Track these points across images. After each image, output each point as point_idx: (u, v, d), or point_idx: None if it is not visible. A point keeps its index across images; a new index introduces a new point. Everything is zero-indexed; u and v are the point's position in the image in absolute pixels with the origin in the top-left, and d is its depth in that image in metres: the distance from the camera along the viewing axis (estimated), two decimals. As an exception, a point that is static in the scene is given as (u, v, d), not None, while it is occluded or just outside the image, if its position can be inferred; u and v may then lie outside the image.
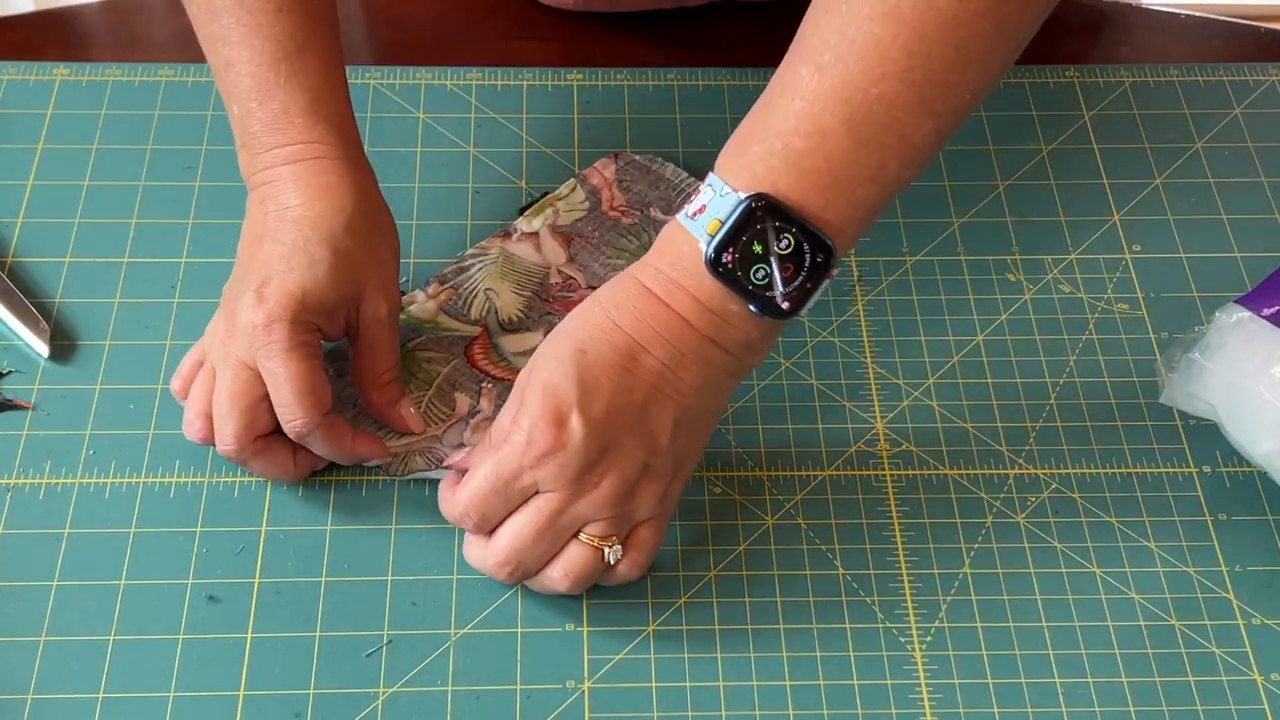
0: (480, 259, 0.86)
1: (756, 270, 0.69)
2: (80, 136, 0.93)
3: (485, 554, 0.73)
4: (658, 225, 0.87)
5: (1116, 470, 0.81)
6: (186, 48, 1.00)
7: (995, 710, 0.72)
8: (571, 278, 0.85)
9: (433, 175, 0.92)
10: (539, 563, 0.73)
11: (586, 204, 0.88)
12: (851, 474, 0.80)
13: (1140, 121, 0.97)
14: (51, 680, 0.71)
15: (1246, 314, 0.77)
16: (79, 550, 0.76)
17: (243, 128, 0.78)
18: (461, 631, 0.74)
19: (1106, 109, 0.97)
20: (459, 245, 0.88)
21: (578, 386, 0.70)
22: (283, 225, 0.76)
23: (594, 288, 0.83)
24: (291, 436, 0.75)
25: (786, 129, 0.69)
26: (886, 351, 0.85)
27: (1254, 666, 0.74)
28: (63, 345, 0.83)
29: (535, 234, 0.87)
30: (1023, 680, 0.73)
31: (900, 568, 0.77)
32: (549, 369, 0.71)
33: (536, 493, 0.71)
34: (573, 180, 0.90)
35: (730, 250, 0.69)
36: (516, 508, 0.72)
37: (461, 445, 0.78)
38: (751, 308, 0.70)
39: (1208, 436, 0.81)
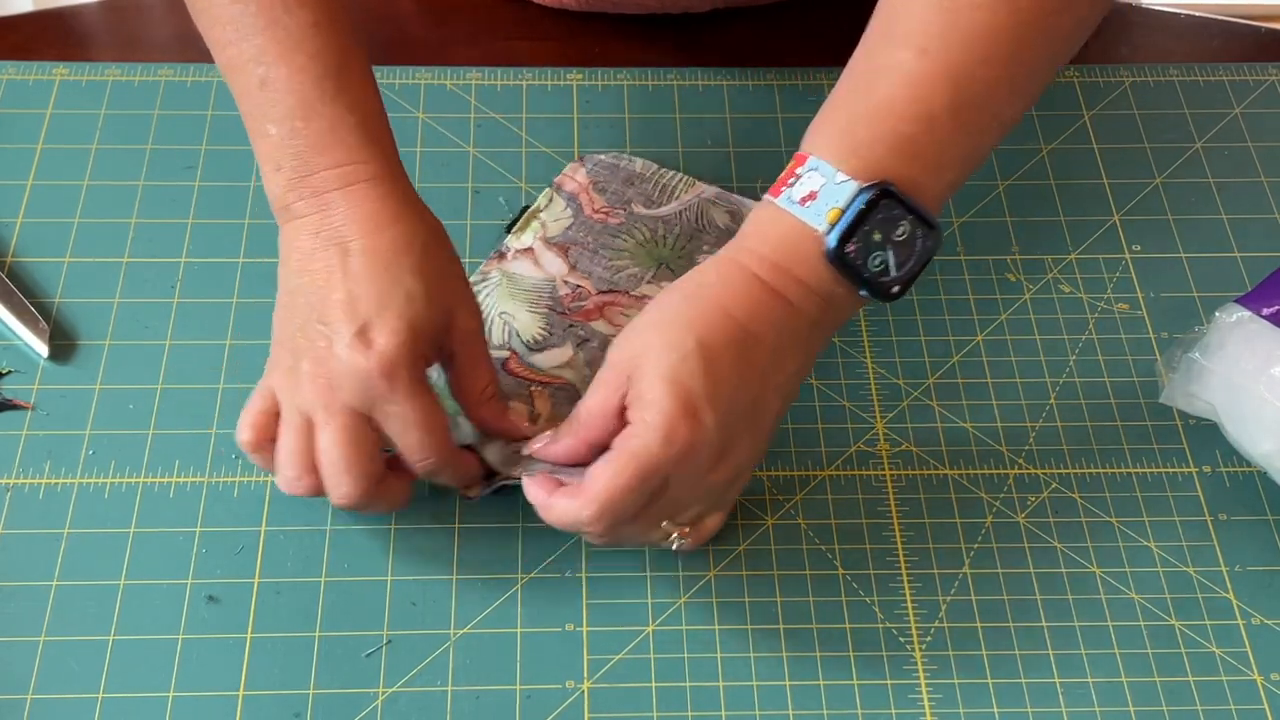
0: (483, 284, 0.85)
1: (875, 258, 0.70)
2: (80, 136, 0.93)
3: (580, 516, 0.69)
4: (644, 220, 0.86)
5: (1116, 470, 0.81)
6: (186, 48, 1.00)
7: (995, 710, 0.72)
8: (579, 286, 0.84)
9: (433, 175, 0.92)
10: (632, 540, 0.72)
11: (569, 211, 0.88)
12: (851, 474, 0.80)
13: (1140, 121, 0.97)
14: (51, 680, 0.71)
15: (1246, 314, 0.77)
16: (79, 550, 0.76)
17: (283, 150, 0.73)
18: (461, 631, 0.74)
19: (1106, 109, 0.97)
20: (459, 245, 0.88)
21: (705, 380, 0.68)
22: (354, 259, 0.72)
23: (605, 292, 0.83)
24: (421, 474, 0.73)
25: (893, 114, 0.69)
26: (886, 351, 0.85)
27: (1254, 666, 0.74)
28: (62, 345, 0.83)
29: (529, 249, 0.86)
30: (1023, 680, 0.73)
31: (900, 568, 0.77)
32: (670, 361, 0.69)
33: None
34: (548, 190, 0.89)
35: (854, 240, 0.69)
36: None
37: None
38: (863, 293, 0.70)
39: (1208, 436, 0.81)
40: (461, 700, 0.72)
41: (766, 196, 0.72)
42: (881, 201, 0.69)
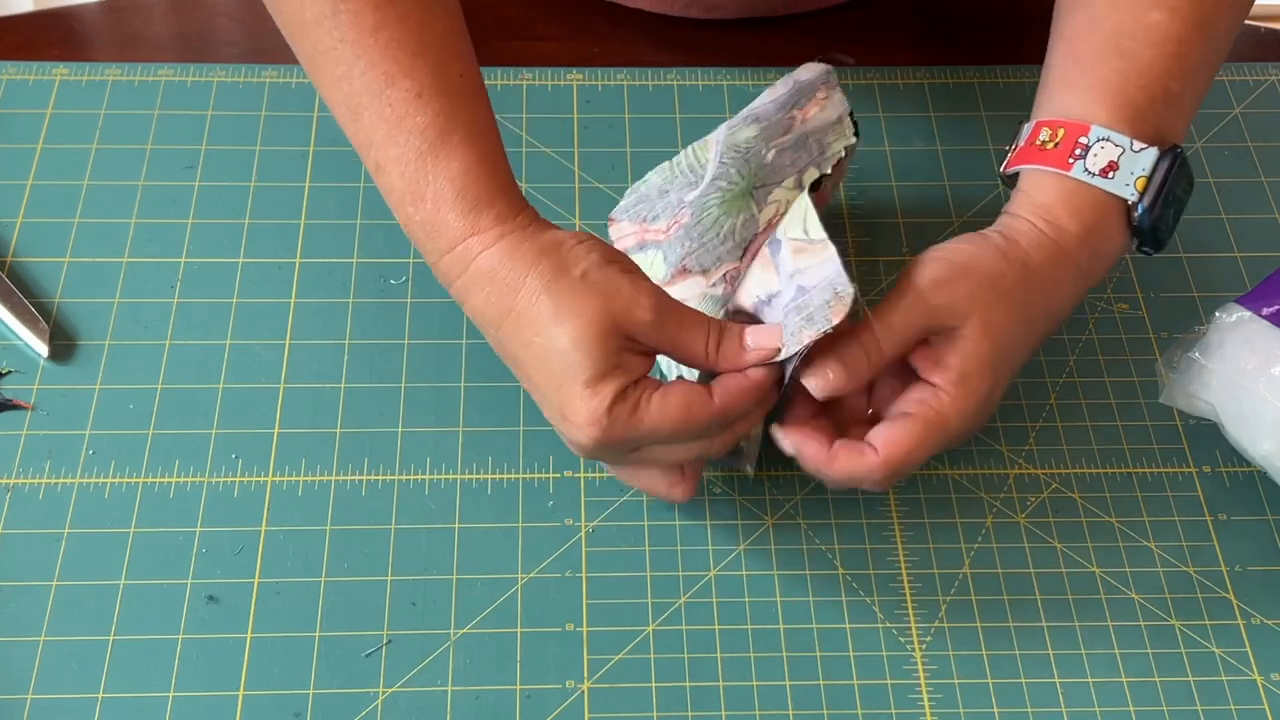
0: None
1: (1165, 216, 0.73)
2: (80, 136, 0.93)
3: (871, 477, 0.71)
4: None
5: (1116, 470, 0.81)
6: (186, 48, 1.00)
7: (995, 710, 0.72)
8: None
9: (432, 175, 0.92)
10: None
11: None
12: (851, 474, 0.80)
13: (1140, 121, 0.97)
14: (51, 680, 0.71)
15: (1246, 314, 0.77)
16: (79, 550, 0.76)
17: (411, 235, 0.73)
18: (461, 631, 0.74)
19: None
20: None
21: (1008, 375, 0.72)
22: (505, 345, 0.71)
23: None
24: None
25: (1165, 74, 0.72)
26: (886, 351, 0.85)
27: (1254, 666, 0.74)
28: (62, 345, 0.83)
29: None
30: (1023, 680, 0.73)
31: (900, 568, 0.77)
32: (997, 350, 0.71)
33: None
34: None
35: (1158, 206, 0.72)
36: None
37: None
38: (1145, 250, 0.74)
39: (1208, 436, 0.81)
40: (461, 700, 0.72)
41: (1048, 168, 0.73)
42: (1177, 163, 0.72)
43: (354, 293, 0.86)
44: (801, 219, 0.77)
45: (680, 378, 0.74)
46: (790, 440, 0.72)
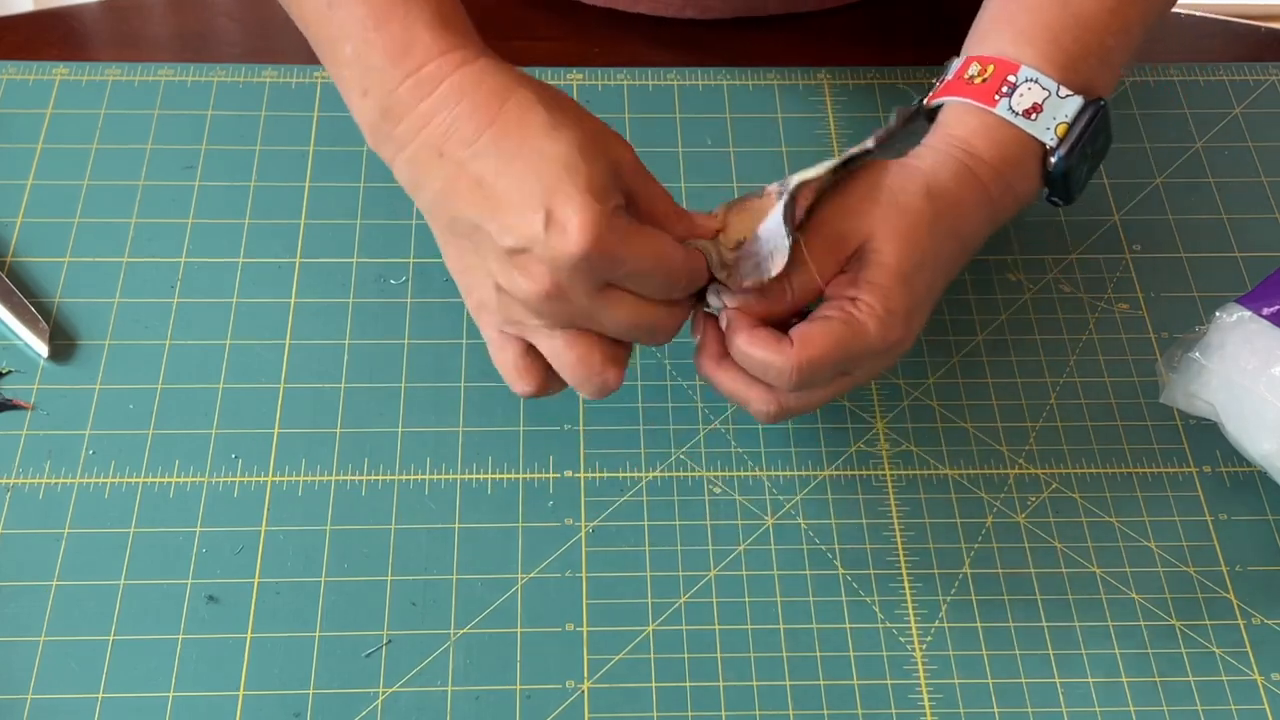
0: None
1: (1079, 170, 0.72)
2: (80, 136, 0.93)
3: (781, 371, 0.68)
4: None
5: (1116, 470, 0.81)
6: (186, 48, 1.00)
7: (995, 710, 0.72)
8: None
9: (433, 175, 0.92)
10: (797, 409, 0.72)
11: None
12: (851, 474, 0.80)
13: (1140, 121, 0.97)
14: (51, 680, 0.71)
15: (1246, 314, 0.77)
16: (79, 550, 0.76)
17: (363, 68, 0.69)
18: (461, 631, 0.74)
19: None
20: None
21: (929, 292, 0.71)
22: (486, 160, 0.66)
23: None
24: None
25: (1099, 26, 0.71)
26: (886, 351, 0.85)
27: (1254, 666, 0.74)
28: (62, 345, 0.83)
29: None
30: (1023, 680, 0.73)
31: (900, 568, 0.77)
32: (913, 262, 0.69)
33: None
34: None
35: (1074, 156, 0.71)
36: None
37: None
38: (1055, 199, 0.73)
39: (1208, 436, 0.81)
40: (461, 700, 0.72)
41: (972, 101, 0.72)
42: (1099, 115, 0.71)
43: (354, 293, 0.86)
44: (799, 177, 0.73)
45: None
46: (728, 311, 0.70)
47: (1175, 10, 1.07)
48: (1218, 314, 0.79)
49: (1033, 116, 0.70)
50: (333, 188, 0.91)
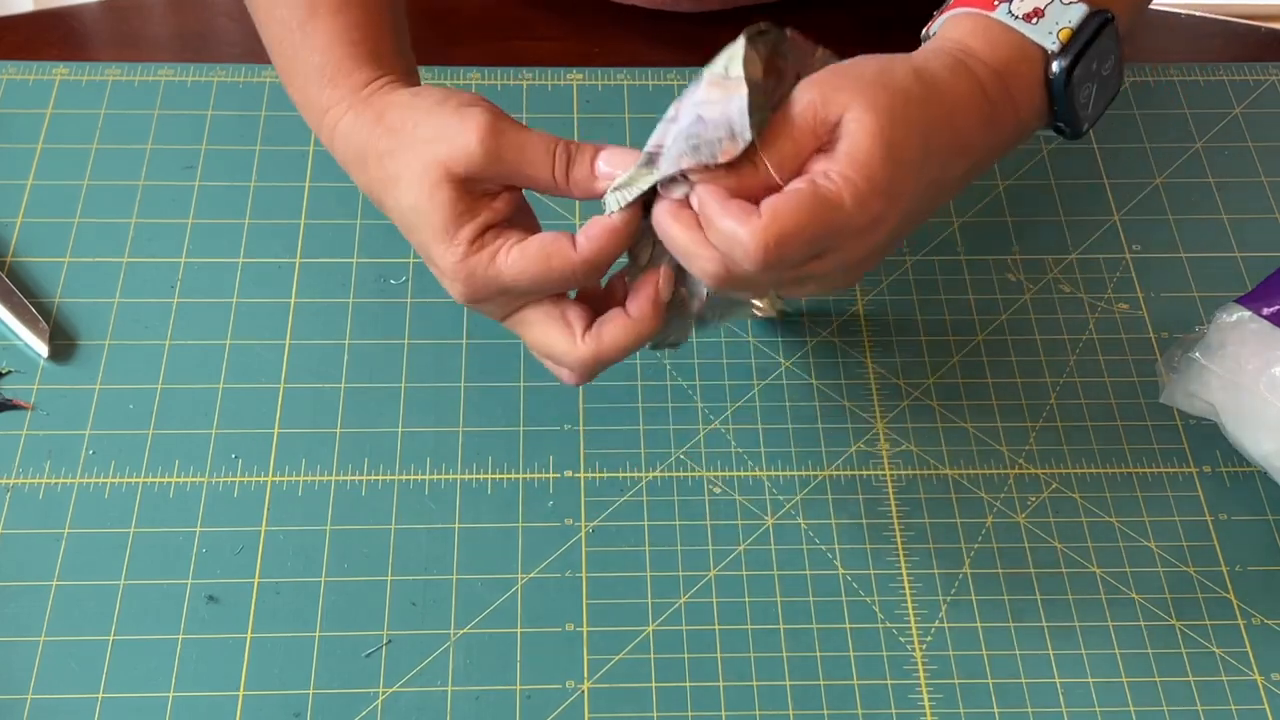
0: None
1: (1084, 90, 0.68)
2: (80, 136, 0.93)
3: (746, 244, 0.62)
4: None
5: (1116, 470, 0.81)
6: (186, 48, 1.00)
7: (995, 710, 0.72)
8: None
9: (432, 175, 0.92)
10: (742, 287, 0.67)
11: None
12: (851, 474, 0.80)
13: (1140, 121, 0.97)
14: (51, 680, 0.71)
15: (1246, 314, 0.78)
16: (78, 550, 0.76)
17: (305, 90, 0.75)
18: (461, 631, 0.74)
19: (1106, 108, 0.97)
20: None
21: (916, 177, 0.65)
22: (390, 213, 0.71)
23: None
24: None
25: None
26: (886, 351, 0.85)
27: (1254, 666, 0.74)
28: (62, 345, 0.83)
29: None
30: (1023, 680, 0.73)
31: (900, 568, 0.77)
32: (897, 135, 0.63)
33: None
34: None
35: (1079, 67, 0.67)
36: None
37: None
38: (1060, 125, 0.68)
39: (1208, 436, 0.81)
40: (461, 700, 0.72)
41: (967, 9, 0.68)
42: (1105, 29, 0.67)
43: (354, 293, 0.86)
44: (727, 58, 0.69)
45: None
46: (698, 187, 0.65)
47: (1175, 10, 1.07)
48: (1218, 314, 0.79)
49: (1034, 21, 0.66)
50: (333, 188, 0.91)
